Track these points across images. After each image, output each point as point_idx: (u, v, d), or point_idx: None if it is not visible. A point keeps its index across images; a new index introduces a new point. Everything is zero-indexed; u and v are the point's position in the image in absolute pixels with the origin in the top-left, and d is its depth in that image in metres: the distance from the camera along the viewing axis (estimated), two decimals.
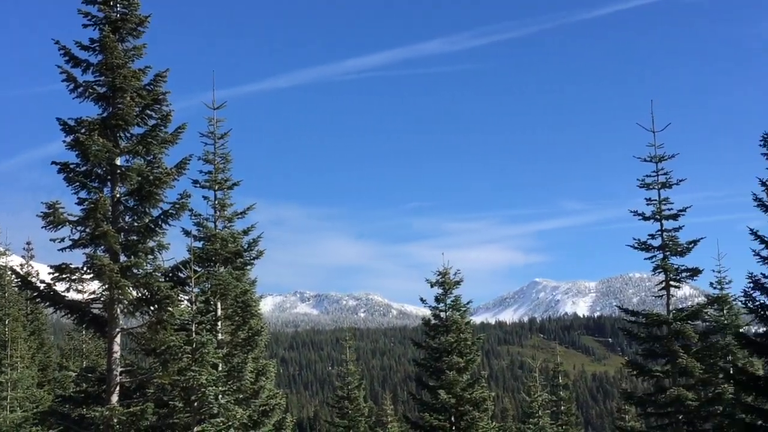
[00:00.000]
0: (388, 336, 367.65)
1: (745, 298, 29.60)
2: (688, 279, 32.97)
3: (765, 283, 28.94)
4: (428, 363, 37.60)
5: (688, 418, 31.47)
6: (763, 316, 29.34)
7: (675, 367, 31.46)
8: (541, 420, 51.55)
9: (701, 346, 32.25)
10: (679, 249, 32.31)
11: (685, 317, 32.23)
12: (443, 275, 37.76)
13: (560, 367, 60.16)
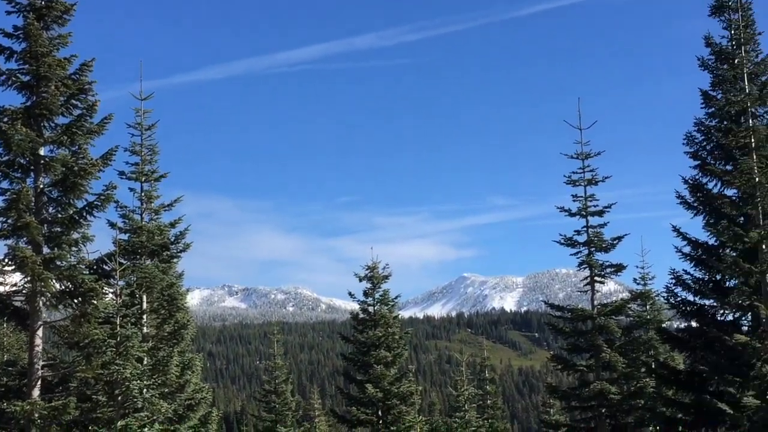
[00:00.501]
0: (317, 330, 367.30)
1: (667, 294, 30.31)
2: (613, 275, 33.52)
3: (687, 279, 29.62)
4: (356, 357, 37.71)
5: (610, 411, 32.03)
6: (684, 311, 30.03)
7: (599, 361, 31.98)
8: (467, 414, 51.93)
9: (624, 341, 32.84)
10: (603, 245, 32.82)
11: (609, 312, 32.77)
12: (372, 270, 37.89)
13: (487, 361, 60.65)
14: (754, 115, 29.05)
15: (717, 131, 29.51)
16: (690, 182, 29.98)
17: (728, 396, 27.15)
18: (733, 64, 29.33)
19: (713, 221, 29.15)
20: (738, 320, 29.28)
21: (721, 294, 28.66)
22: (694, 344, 29.46)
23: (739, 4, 29.42)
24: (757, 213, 27.39)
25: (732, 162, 29.09)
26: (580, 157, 33.18)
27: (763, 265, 26.43)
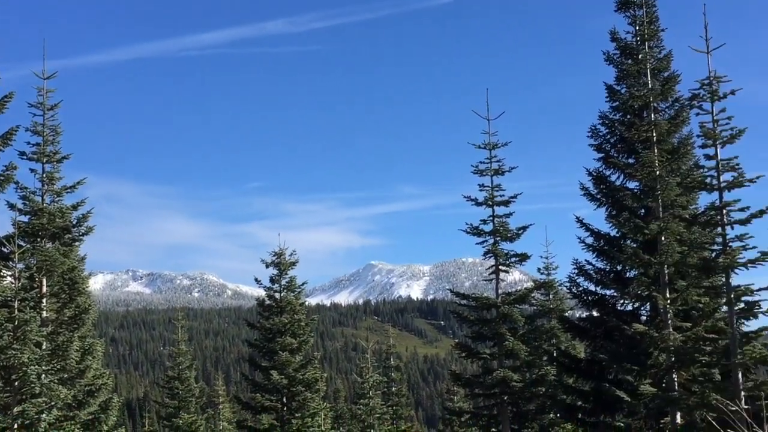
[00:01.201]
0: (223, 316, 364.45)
1: (569, 284, 30.82)
2: (517, 264, 33.91)
3: (589, 269, 30.16)
4: (261, 344, 37.47)
5: (512, 398, 32.45)
6: (586, 301, 30.60)
7: (502, 349, 32.36)
8: (372, 401, 52.22)
9: (527, 330, 33.26)
10: (509, 235, 33.16)
11: (513, 301, 33.15)
12: (279, 256, 37.67)
13: (393, 349, 61.07)
14: (656, 110, 29.68)
15: (620, 125, 30.06)
16: (594, 174, 30.51)
17: (626, 384, 27.78)
18: (637, 59, 29.91)
19: (615, 213, 29.74)
20: (637, 310, 29.91)
21: (622, 284, 29.26)
22: (595, 333, 30.04)
23: (643, 0, 30.00)
24: (657, 205, 28.01)
25: (634, 155, 29.70)
26: (488, 147, 33.44)
27: (662, 256, 27.05)
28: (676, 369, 26.09)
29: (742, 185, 23.19)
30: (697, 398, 23.37)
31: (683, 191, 27.77)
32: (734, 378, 23.04)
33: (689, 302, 27.36)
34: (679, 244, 27.21)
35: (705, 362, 24.30)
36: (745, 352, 22.66)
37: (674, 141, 29.52)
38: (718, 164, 23.25)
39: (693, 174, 26.94)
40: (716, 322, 24.93)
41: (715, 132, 23.15)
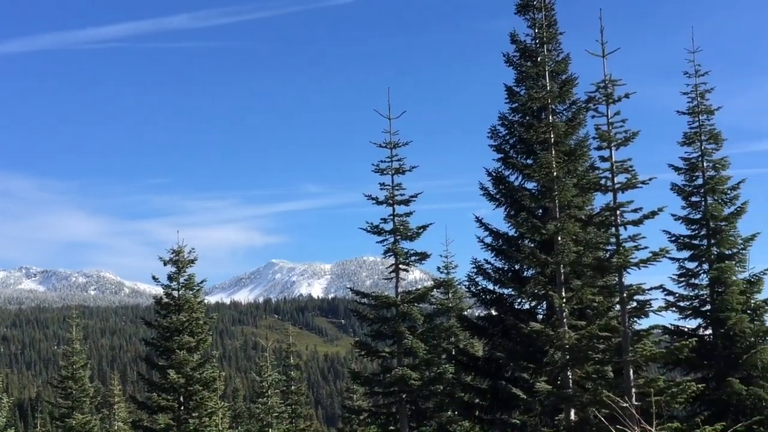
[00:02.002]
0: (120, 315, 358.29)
1: (468, 283, 31.09)
2: (417, 263, 34.10)
3: (487, 268, 30.47)
4: (159, 342, 36.90)
5: (411, 396, 32.62)
6: (484, 299, 30.91)
7: (401, 347, 32.51)
8: (271, 399, 51.92)
9: (426, 328, 33.48)
10: (409, 234, 33.31)
11: (412, 300, 33.32)
12: (177, 253, 37.14)
13: (293, 347, 60.74)
14: (554, 112, 30.18)
15: (519, 126, 30.45)
16: (493, 174, 30.83)
17: (522, 381, 28.15)
18: (536, 61, 30.36)
19: (514, 213, 30.14)
20: (534, 309, 30.33)
21: (519, 283, 29.62)
22: (493, 331, 30.37)
23: (543, 3, 30.45)
24: (554, 206, 28.46)
25: (533, 156, 30.12)
26: (389, 147, 33.57)
27: (559, 255, 27.51)
28: (571, 367, 26.56)
29: (635, 187, 23.73)
30: (590, 395, 23.84)
31: (579, 192, 28.28)
32: (626, 375, 23.58)
33: (584, 301, 27.85)
34: (575, 244, 27.71)
35: (598, 360, 24.78)
36: (636, 350, 23.20)
37: (571, 143, 30.03)
38: (613, 166, 23.74)
39: (589, 175, 27.48)
40: (609, 320, 25.44)
41: (610, 134, 23.65)
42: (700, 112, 32.67)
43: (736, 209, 32.49)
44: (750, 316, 31.21)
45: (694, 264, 32.49)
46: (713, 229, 32.20)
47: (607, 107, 23.82)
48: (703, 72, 32.78)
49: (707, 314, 31.79)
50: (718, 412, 29.20)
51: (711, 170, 32.61)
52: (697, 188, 32.65)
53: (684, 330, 32.22)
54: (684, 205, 32.83)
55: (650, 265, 23.77)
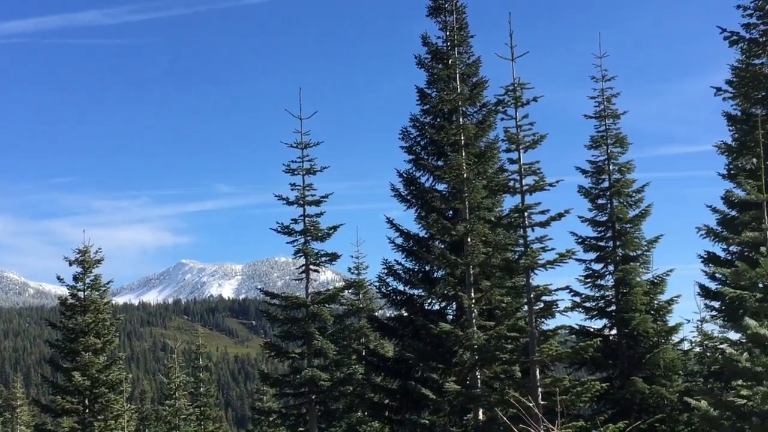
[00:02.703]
0: (24, 316, 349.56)
1: (379, 283, 31.16)
2: (328, 263, 34.01)
3: (398, 269, 30.57)
4: (63, 344, 36.14)
5: (320, 397, 32.52)
6: (395, 300, 31.01)
7: (311, 348, 32.41)
8: (178, 401, 51.31)
9: (336, 329, 33.45)
10: (320, 234, 33.22)
11: (323, 300, 33.23)
12: (83, 253, 36.44)
13: (202, 348, 60.03)
14: (465, 114, 30.47)
15: (431, 127, 30.64)
16: (404, 176, 30.95)
17: (432, 382, 28.33)
18: (447, 64, 30.60)
19: (424, 214, 30.31)
20: (444, 309, 30.56)
21: (430, 284, 29.81)
22: (403, 332, 30.48)
23: (454, 6, 30.73)
24: (464, 207, 28.71)
25: (443, 158, 30.34)
26: (300, 147, 33.44)
27: (468, 257, 27.76)
28: (480, 367, 26.81)
29: (542, 189, 24.01)
30: (497, 395, 24.08)
31: (489, 194, 28.58)
32: (532, 375, 23.87)
33: (493, 302, 28.20)
34: (484, 245, 28.01)
35: (506, 360, 25.04)
36: (542, 350, 23.51)
37: (481, 145, 30.37)
38: (521, 168, 24.00)
39: (498, 177, 27.76)
40: (517, 321, 25.77)
41: (518, 137, 23.91)
42: (607, 116, 33.30)
43: (641, 212, 33.20)
44: (653, 316, 31.92)
45: (600, 265, 33.08)
46: (618, 231, 32.84)
47: (516, 110, 24.09)
48: (610, 77, 33.45)
49: (612, 315, 32.41)
50: (622, 410, 29.78)
51: (617, 173, 33.25)
52: (603, 191, 33.26)
53: (590, 330, 32.77)
54: (591, 207, 33.42)
55: (557, 266, 24.09)
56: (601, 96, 33.51)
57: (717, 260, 28.69)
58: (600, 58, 33.58)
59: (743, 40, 24.04)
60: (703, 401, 13.88)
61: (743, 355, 13.55)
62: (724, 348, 14.27)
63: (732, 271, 14.36)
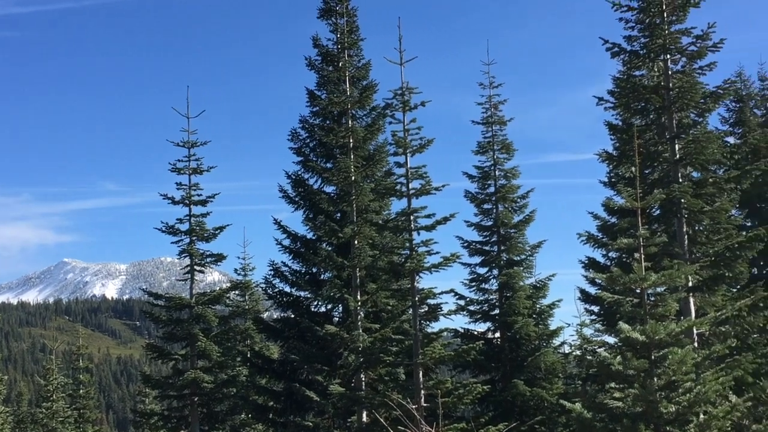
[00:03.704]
0: None
1: (265, 285, 30.96)
2: (213, 264, 33.64)
3: (285, 271, 30.45)
4: None
5: (203, 400, 32.14)
6: (281, 302, 30.86)
7: (194, 350, 32.00)
8: (56, 404, 49.98)
9: (221, 330, 33.11)
10: (205, 234, 32.82)
11: (207, 301, 32.84)
12: None
13: (83, 349, 58.62)
14: (354, 117, 30.55)
15: (320, 129, 30.64)
16: (293, 177, 30.86)
17: (317, 384, 28.28)
18: (337, 66, 30.64)
19: (312, 216, 30.28)
20: (330, 312, 30.54)
21: (316, 286, 29.77)
22: (289, 334, 30.35)
23: (345, 9, 30.79)
24: (351, 210, 28.77)
25: (332, 160, 30.38)
26: (187, 146, 33.00)
27: (355, 259, 27.83)
28: (364, 369, 26.88)
29: (429, 193, 24.24)
30: (381, 397, 24.18)
31: (376, 197, 28.72)
32: (416, 377, 24.06)
33: (378, 304, 28.34)
34: (371, 247, 28.13)
35: (390, 362, 25.19)
36: (426, 352, 23.73)
37: (370, 148, 30.50)
38: (408, 172, 24.18)
39: (386, 181, 27.91)
40: (402, 323, 25.92)
41: (406, 141, 24.09)
42: (494, 123, 33.84)
43: (525, 217, 33.86)
44: (535, 320, 32.60)
45: (484, 269, 33.59)
46: (503, 235, 33.41)
47: (404, 114, 24.26)
48: (497, 84, 34.02)
49: (496, 318, 32.93)
50: (504, 412, 30.29)
51: (502, 179, 33.83)
52: (489, 196, 33.79)
53: (473, 333, 33.23)
54: (477, 212, 33.90)
55: (442, 269, 24.35)
56: (488, 102, 34.05)
57: (597, 266, 29.50)
58: (488, 65, 34.17)
59: (624, 52, 24.68)
60: (577, 403, 14.23)
61: (617, 359, 13.96)
62: (599, 351, 14.65)
63: (607, 276, 14.77)
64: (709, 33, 23.52)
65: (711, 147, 23.52)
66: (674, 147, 23.95)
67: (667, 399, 13.38)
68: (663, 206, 23.75)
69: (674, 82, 24.04)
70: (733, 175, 24.01)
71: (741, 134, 40.18)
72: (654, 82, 24.45)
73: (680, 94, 23.75)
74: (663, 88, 24.06)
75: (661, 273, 14.43)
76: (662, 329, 13.30)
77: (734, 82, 30.41)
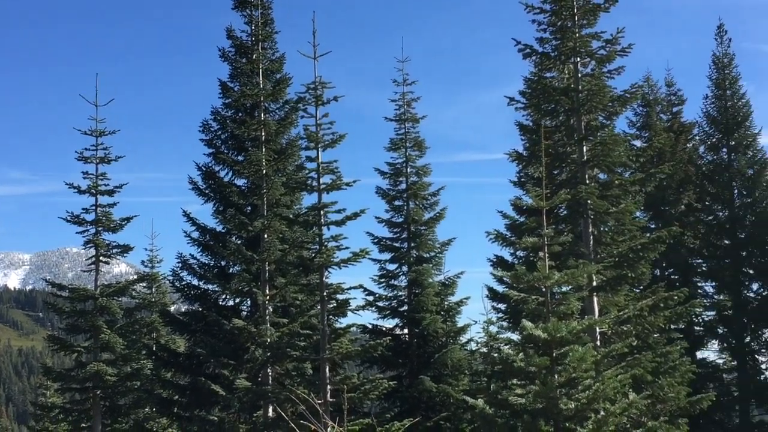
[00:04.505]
0: None
1: (173, 277, 30.56)
2: (120, 255, 33.13)
3: (193, 264, 30.09)
4: None
5: (106, 393, 31.61)
6: (188, 295, 30.49)
7: (98, 342, 31.45)
8: None
9: (126, 322, 32.61)
10: (112, 225, 32.26)
11: (112, 293, 32.30)
12: None
13: None
14: (267, 110, 30.36)
15: (232, 122, 30.34)
16: (203, 169, 30.50)
17: (223, 378, 28.03)
18: (251, 58, 30.39)
19: (222, 209, 29.96)
20: (238, 305, 30.30)
21: (225, 279, 29.50)
22: (195, 327, 29.98)
23: (260, 1, 30.55)
24: (262, 203, 28.60)
25: (244, 153, 30.12)
26: (94, 134, 32.39)
27: (264, 253, 27.67)
28: (271, 364, 26.76)
29: (339, 188, 24.25)
30: (287, 392, 24.11)
31: (288, 191, 28.63)
32: (322, 372, 24.06)
33: (287, 299, 28.24)
34: (280, 242, 28.00)
35: (298, 357, 25.14)
36: (333, 347, 23.75)
37: (282, 142, 30.36)
38: (319, 167, 24.15)
39: (297, 175, 27.84)
40: (311, 318, 25.89)
41: (318, 135, 24.05)
42: (407, 120, 34.04)
43: (436, 214, 34.14)
44: (443, 317, 32.87)
45: (394, 266, 33.75)
46: (413, 232, 33.62)
47: (317, 109, 24.23)
48: (411, 81, 34.22)
49: (404, 314, 33.12)
50: (410, 408, 30.50)
51: (414, 176, 34.04)
52: (401, 193, 33.96)
53: (382, 329, 33.37)
54: (388, 208, 34.06)
55: (351, 265, 24.41)
56: (401, 99, 34.24)
57: (505, 264, 29.89)
58: (402, 63, 34.34)
59: (536, 54, 25.03)
60: (480, 399, 14.40)
61: (519, 355, 14.16)
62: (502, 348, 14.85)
63: (512, 274, 14.97)
64: (618, 38, 24.03)
65: (618, 149, 24.01)
66: (582, 149, 24.39)
67: (567, 396, 13.63)
68: (570, 207, 24.17)
69: (583, 85, 24.47)
70: (638, 178, 24.58)
71: (647, 138, 41.22)
72: (564, 84, 24.86)
73: (589, 97, 24.19)
74: (572, 90, 24.47)
75: (564, 272, 14.68)
76: (564, 327, 13.54)
77: (641, 86, 31.25)
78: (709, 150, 44.60)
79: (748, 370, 41.11)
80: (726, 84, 43.91)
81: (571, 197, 22.95)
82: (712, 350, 43.73)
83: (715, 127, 43.97)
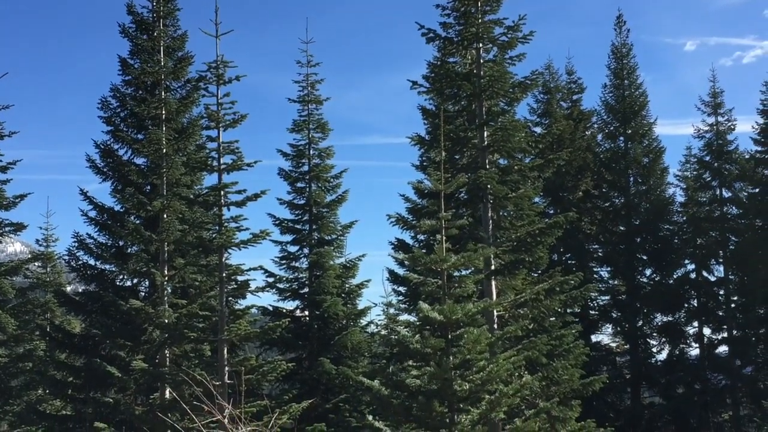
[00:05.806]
0: None
1: (69, 257, 29.90)
2: (12, 234, 32.23)
3: (90, 243, 29.49)
4: None
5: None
6: (84, 275, 29.90)
7: None
8: None
9: (18, 302, 31.81)
10: (5, 203, 31.40)
11: (4, 272, 31.45)
12: None
13: None
14: (168, 88, 29.92)
15: (132, 99, 29.78)
16: (102, 147, 29.86)
17: (119, 360, 27.60)
18: (152, 35, 29.86)
19: (121, 188, 29.42)
20: (136, 286, 29.87)
21: (122, 260, 29.04)
22: (92, 308, 29.44)
23: None
24: (162, 183, 28.22)
25: (144, 131, 29.63)
26: None
27: (163, 233, 27.30)
28: (169, 345, 26.45)
29: (240, 168, 23.99)
30: (184, 374, 23.84)
31: (188, 171, 28.29)
32: (220, 354, 23.87)
33: (186, 280, 27.96)
34: (180, 222, 27.62)
35: (195, 338, 24.88)
36: (231, 329, 23.57)
37: (183, 121, 29.97)
38: (220, 147, 23.87)
39: (198, 155, 27.49)
40: (210, 299, 25.62)
41: (219, 115, 23.76)
42: (310, 102, 33.95)
43: (338, 197, 34.18)
44: (344, 299, 32.99)
45: (295, 247, 33.74)
46: (315, 215, 33.62)
47: (218, 88, 23.91)
48: (315, 63, 34.10)
49: (305, 296, 33.12)
50: (310, 390, 30.57)
51: (317, 158, 34.02)
52: (303, 174, 33.90)
53: (282, 311, 33.30)
54: (290, 190, 34.00)
55: (251, 246, 24.20)
56: (305, 81, 34.11)
57: (406, 247, 30.05)
58: (306, 44, 34.24)
59: (440, 38, 25.14)
60: (376, 381, 14.47)
61: (415, 337, 14.28)
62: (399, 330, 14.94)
63: (410, 256, 15.07)
64: (520, 24, 24.30)
65: (518, 135, 24.32)
66: (483, 134, 24.65)
67: (461, 377, 13.79)
68: (470, 191, 24.43)
69: (485, 71, 24.70)
70: (537, 164, 24.98)
71: (547, 125, 41.96)
72: (466, 69, 25.04)
73: (490, 83, 24.43)
74: (474, 76, 24.69)
75: (461, 255, 14.83)
76: (459, 309, 13.68)
77: (542, 73, 31.80)
78: (606, 138, 45.64)
79: (639, 353, 42.37)
80: (624, 74, 44.98)
81: (471, 182, 23.20)
82: (606, 334, 44.95)
83: (612, 115, 45.01)
